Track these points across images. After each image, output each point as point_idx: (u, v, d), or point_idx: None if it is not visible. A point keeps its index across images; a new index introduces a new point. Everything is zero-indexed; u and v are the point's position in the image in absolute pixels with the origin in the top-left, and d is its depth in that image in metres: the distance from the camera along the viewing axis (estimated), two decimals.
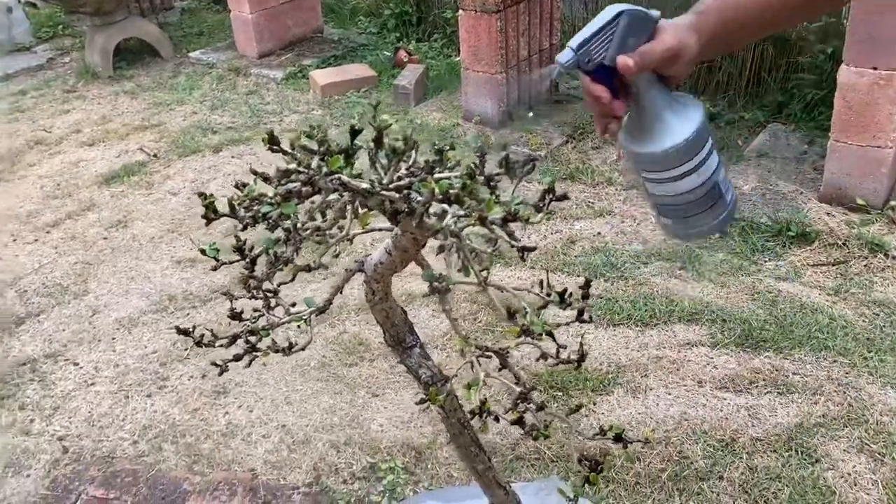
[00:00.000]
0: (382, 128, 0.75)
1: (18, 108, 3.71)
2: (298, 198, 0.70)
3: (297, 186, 0.69)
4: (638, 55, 0.80)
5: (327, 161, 0.70)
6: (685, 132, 0.82)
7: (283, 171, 0.68)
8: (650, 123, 0.83)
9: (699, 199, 0.86)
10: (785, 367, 1.91)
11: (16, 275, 2.46)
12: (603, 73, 0.82)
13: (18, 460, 1.78)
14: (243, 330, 0.94)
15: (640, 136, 0.84)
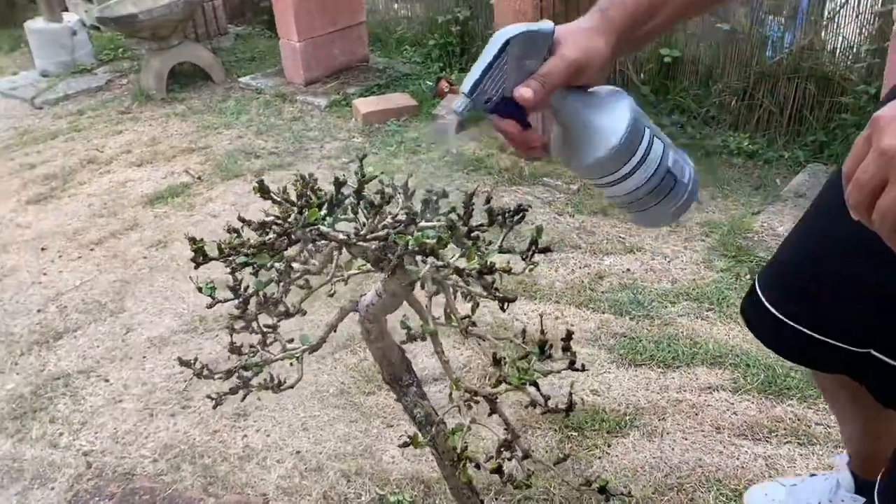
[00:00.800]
0: (363, 180, 0.77)
1: (75, 128, 3.87)
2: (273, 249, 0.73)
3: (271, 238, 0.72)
4: (537, 81, 0.75)
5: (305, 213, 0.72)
6: (617, 133, 0.77)
7: (259, 223, 0.71)
8: (578, 136, 0.79)
9: (654, 190, 0.82)
10: (808, 416, 1.86)
11: (58, 290, 2.56)
12: (510, 105, 0.76)
13: (44, 473, 1.85)
14: (237, 366, 0.97)
15: (572, 150, 0.80)
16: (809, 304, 1.15)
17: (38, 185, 3.30)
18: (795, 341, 1.16)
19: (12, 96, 4.32)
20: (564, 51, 0.76)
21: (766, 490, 1.61)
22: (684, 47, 3.45)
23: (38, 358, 2.25)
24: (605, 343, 2.16)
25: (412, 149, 3.37)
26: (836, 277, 1.10)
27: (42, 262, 2.73)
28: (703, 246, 2.58)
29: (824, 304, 1.12)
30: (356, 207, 0.78)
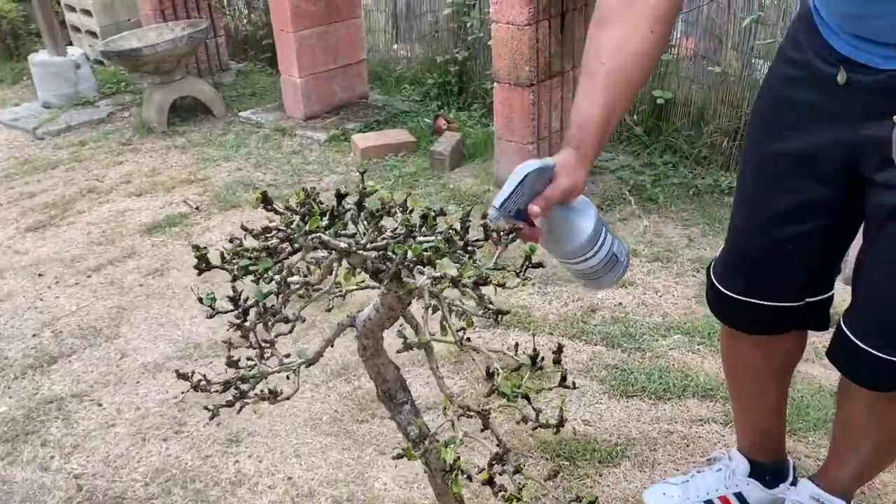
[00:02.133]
0: (365, 193, 0.80)
1: (76, 158, 3.92)
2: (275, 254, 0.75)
3: (275, 243, 0.74)
4: (543, 200, 1.09)
5: (307, 221, 0.75)
6: (585, 231, 1.15)
7: (262, 229, 0.74)
8: (560, 232, 1.17)
9: (604, 266, 1.20)
10: (798, 449, 1.88)
11: (54, 315, 2.57)
12: (522, 214, 1.10)
13: (34, 495, 1.84)
14: (234, 377, 0.99)
15: (557, 241, 1.18)
16: (756, 279, 1.43)
17: (38, 213, 3.33)
18: (751, 314, 1.44)
19: (14, 127, 4.37)
20: (560, 181, 1.11)
21: (664, 490, 1.74)
22: (676, 89, 3.53)
23: (31, 382, 2.25)
24: (597, 374, 2.18)
25: (410, 183, 3.42)
26: (770, 251, 1.38)
27: (38, 287, 2.75)
28: (695, 281, 2.61)
29: (767, 276, 1.41)
30: (357, 218, 0.81)
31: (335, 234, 0.81)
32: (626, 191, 3.22)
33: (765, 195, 1.37)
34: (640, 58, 1.17)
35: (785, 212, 1.34)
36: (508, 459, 0.98)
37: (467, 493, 1.73)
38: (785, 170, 1.32)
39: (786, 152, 1.31)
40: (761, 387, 1.61)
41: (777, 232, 1.36)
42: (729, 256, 1.48)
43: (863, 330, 1.30)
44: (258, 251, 0.76)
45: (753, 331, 1.50)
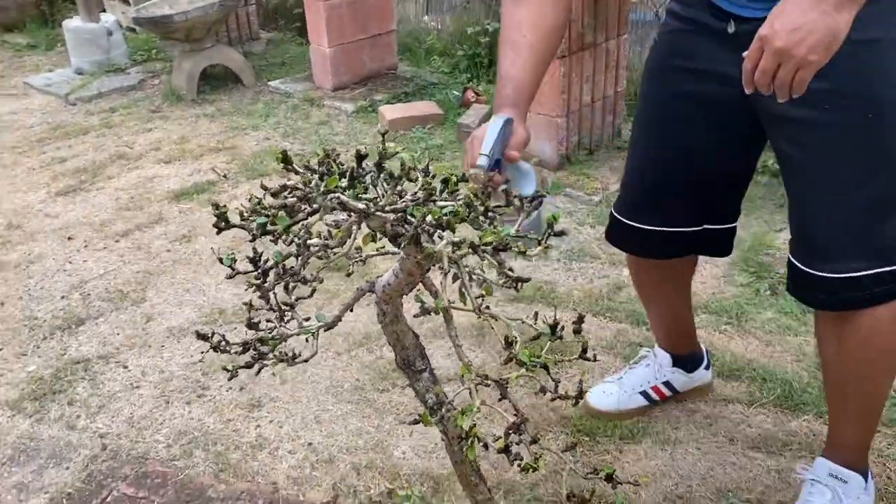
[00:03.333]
0: (385, 155, 0.79)
1: (107, 124, 3.95)
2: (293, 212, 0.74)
3: (293, 202, 0.73)
4: (515, 148, 1.30)
5: (326, 180, 0.74)
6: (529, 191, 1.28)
7: (280, 187, 0.73)
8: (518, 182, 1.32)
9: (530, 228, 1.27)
10: (823, 432, 1.84)
11: (82, 278, 2.60)
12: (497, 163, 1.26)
13: (61, 452, 1.87)
14: (253, 339, 0.99)
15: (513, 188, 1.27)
16: (657, 209, 1.59)
17: (69, 178, 3.36)
18: (651, 240, 1.61)
19: (47, 92, 4.41)
20: (520, 132, 1.32)
21: (603, 389, 1.93)
22: None
23: (59, 342, 2.29)
24: (621, 352, 2.15)
25: (436, 155, 3.40)
26: (670, 182, 1.55)
27: (68, 250, 2.78)
28: (724, 261, 2.57)
29: (667, 204, 1.57)
30: (376, 180, 0.80)
31: (354, 196, 0.80)
32: None
33: (662, 134, 1.54)
34: (555, 31, 1.40)
35: (683, 148, 1.50)
36: (525, 429, 0.97)
37: (485, 466, 1.73)
38: (683, 111, 1.47)
39: (685, 95, 1.45)
40: (666, 299, 1.83)
41: (672, 166, 1.53)
42: (627, 191, 1.65)
43: (804, 256, 1.41)
44: (276, 209, 0.75)
45: (655, 255, 1.68)
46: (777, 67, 1.12)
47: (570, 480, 1.55)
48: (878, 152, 1.30)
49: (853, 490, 1.56)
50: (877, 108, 1.27)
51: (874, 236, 1.34)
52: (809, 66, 1.11)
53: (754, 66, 1.14)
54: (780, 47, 1.10)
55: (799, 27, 1.09)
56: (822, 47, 1.09)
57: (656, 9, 3.59)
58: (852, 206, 1.33)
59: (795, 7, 1.10)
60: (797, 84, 1.13)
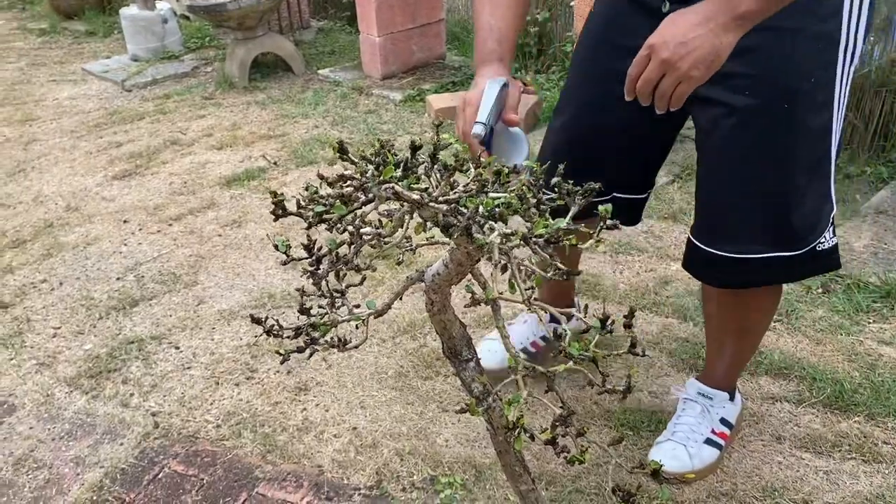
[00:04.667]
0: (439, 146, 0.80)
1: (161, 111, 4.03)
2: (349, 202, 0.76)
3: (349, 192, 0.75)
4: (512, 109, 1.29)
5: (381, 171, 0.75)
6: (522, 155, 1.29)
7: (338, 176, 0.74)
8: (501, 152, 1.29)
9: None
10: (875, 434, 1.81)
11: (137, 261, 2.68)
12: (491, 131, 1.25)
13: (115, 429, 1.94)
14: (305, 324, 1.01)
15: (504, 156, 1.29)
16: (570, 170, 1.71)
17: (124, 163, 3.45)
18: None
19: (104, 78, 4.52)
20: (513, 91, 1.31)
21: (488, 347, 1.98)
22: None
23: (114, 322, 2.36)
24: (667, 347, 2.14)
25: None
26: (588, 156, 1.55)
27: (123, 233, 2.86)
28: None
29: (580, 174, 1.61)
30: (430, 171, 0.81)
31: (408, 186, 0.81)
32: None
33: (591, 107, 1.55)
34: None
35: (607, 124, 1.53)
36: (572, 422, 0.97)
37: (527, 456, 1.74)
38: (610, 89, 1.44)
39: (615, 73, 1.40)
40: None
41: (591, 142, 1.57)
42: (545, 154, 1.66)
43: (704, 235, 1.46)
44: (332, 198, 0.77)
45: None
46: (660, 78, 1.16)
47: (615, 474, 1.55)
48: (791, 141, 1.34)
49: (718, 402, 1.75)
50: (791, 97, 1.30)
51: (782, 223, 1.39)
52: (690, 81, 1.15)
53: (639, 73, 1.18)
54: (666, 58, 1.14)
55: (687, 41, 1.12)
56: (705, 65, 1.13)
57: None
58: (762, 192, 1.37)
59: (686, 21, 1.13)
60: (676, 98, 1.16)
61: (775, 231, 1.40)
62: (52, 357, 2.21)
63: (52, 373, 2.15)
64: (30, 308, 2.44)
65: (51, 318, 2.39)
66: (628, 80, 1.20)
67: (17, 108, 4.16)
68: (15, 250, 2.77)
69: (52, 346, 2.26)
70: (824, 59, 1.30)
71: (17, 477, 1.80)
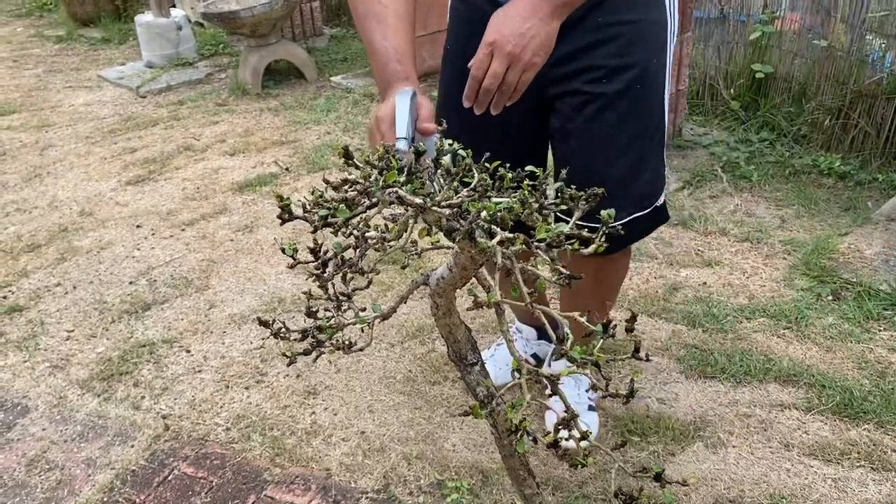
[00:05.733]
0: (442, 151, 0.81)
1: (175, 117, 4.07)
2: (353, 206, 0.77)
3: (353, 196, 0.76)
4: (426, 120, 1.26)
5: (385, 175, 0.77)
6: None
7: (342, 181, 0.75)
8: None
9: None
10: (884, 442, 1.80)
11: (149, 265, 2.70)
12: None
13: (126, 431, 1.96)
14: (312, 327, 1.02)
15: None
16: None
17: (138, 168, 3.49)
18: None
19: (119, 85, 4.57)
20: (424, 102, 1.28)
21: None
22: (777, 63, 3.37)
23: (126, 326, 2.38)
24: (676, 353, 2.13)
25: None
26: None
27: (136, 238, 2.89)
28: (785, 264, 2.52)
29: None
30: (433, 176, 0.82)
31: (412, 191, 0.82)
32: (717, 167, 3.12)
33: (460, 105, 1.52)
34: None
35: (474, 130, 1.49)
36: (575, 425, 0.98)
37: (534, 461, 1.74)
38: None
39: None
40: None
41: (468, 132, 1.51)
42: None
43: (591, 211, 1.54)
44: (337, 202, 0.78)
45: None
46: (505, 72, 1.20)
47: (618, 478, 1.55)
48: (645, 116, 1.47)
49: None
50: (643, 79, 1.44)
51: (636, 186, 1.51)
52: (533, 68, 1.22)
53: (483, 73, 1.21)
54: (510, 51, 1.19)
55: (524, 32, 1.20)
56: (544, 50, 1.21)
57: (721, 6, 3.52)
58: (627, 162, 1.48)
59: (517, 15, 1.21)
60: (521, 85, 1.22)
61: (639, 194, 1.53)
62: (65, 360, 2.24)
63: (64, 375, 2.17)
64: (44, 311, 2.47)
65: (64, 321, 2.42)
66: (471, 83, 1.23)
67: (33, 114, 4.21)
68: (30, 254, 2.81)
69: (66, 348, 2.29)
70: (660, 42, 1.46)
71: (30, 478, 1.82)
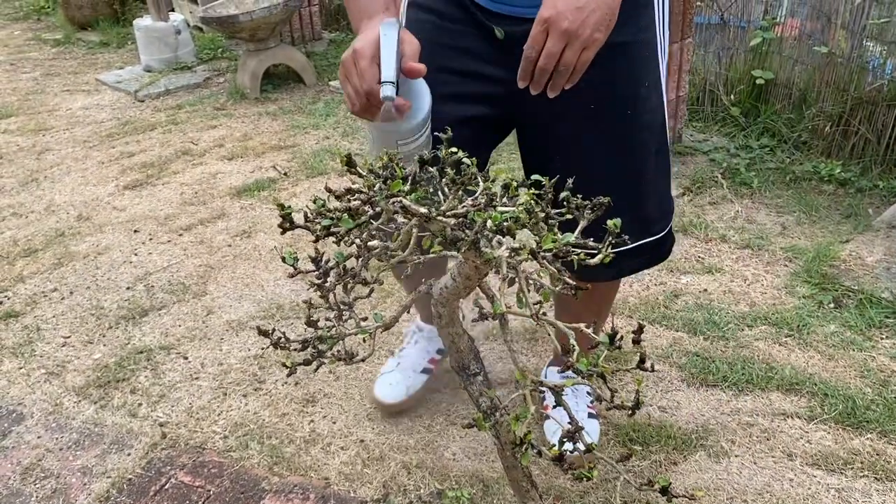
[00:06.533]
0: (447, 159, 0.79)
1: (173, 121, 4.06)
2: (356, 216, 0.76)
3: (357, 205, 0.75)
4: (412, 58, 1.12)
5: (389, 185, 0.75)
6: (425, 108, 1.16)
7: (345, 190, 0.74)
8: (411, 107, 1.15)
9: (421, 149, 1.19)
10: (888, 452, 1.79)
11: (147, 270, 2.69)
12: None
13: (122, 439, 1.94)
14: (312, 337, 1.01)
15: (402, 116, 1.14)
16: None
17: (136, 172, 3.47)
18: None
19: (117, 89, 4.56)
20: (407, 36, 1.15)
21: (387, 381, 1.94)
22: (778, 69, 3.37)
23: (124, 332, 2.36)
24: (677, 361, 2.12)
25: (494, 159, 3.39)
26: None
27: (134, 243, 2.87)
28: (786, 271, 2.51)
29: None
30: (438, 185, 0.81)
31: (416, 200, 0.80)
32: (717, 174, 3.11)
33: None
34: None
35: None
36: (580, 437, 0.96)
37: (536, 470, 1.72)
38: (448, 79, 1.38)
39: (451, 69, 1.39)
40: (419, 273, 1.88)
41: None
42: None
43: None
44: (340, 212, 0.77)
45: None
46: (562, 51, 1.09)
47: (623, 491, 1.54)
48: (638, 139, 1.42)
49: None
50: (632, 102, 1.38)
51: (641, 213, 1.47)
52: (594, 45, 1.10)
53: (538, 51, 1.09)
54: (567, 28, 1.07)
55: (582, 6, 1.07)
56: (605, 25, 1.10)
57: (722, 12, 3.52)
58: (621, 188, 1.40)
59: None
60: (581, 65, 1.11)
61: (640, 221, 1.48)
62: (61, 366, 2.22)
63: (60, 382, 2.15)
64: (40, 317, 2.45)
65: (60, 327, 2.40)
66: (525, 63, 1.11)
67: (30, 118, 4.19)
68: (26, 259, 2.79)
69: (62, 355, 2.27)
70: (651, 64, 1.40)
71: (25, 486, 1.80)
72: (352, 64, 1.10)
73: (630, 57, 1.37)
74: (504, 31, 1.34)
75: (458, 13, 1.38)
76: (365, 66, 1.07)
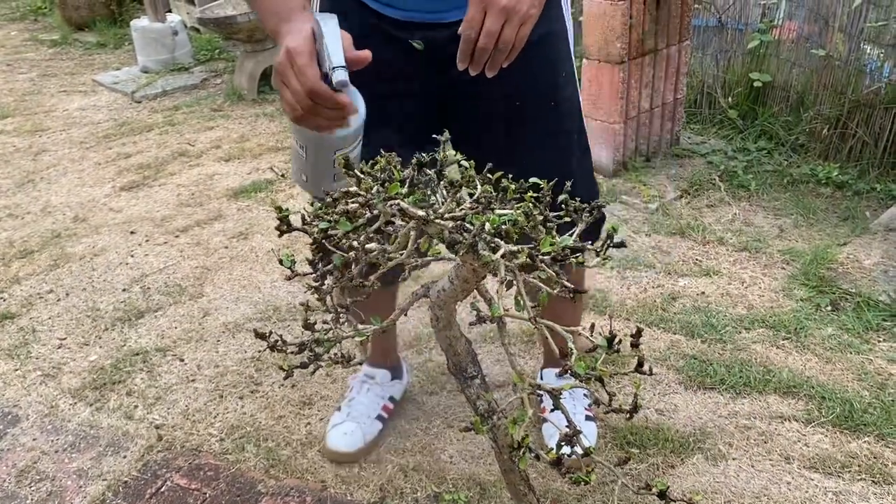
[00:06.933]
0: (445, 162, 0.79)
1: (170, 122, 4.05)
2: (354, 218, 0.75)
3: (354, 208, 0.74)
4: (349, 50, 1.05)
5: (387, 187, 0.75)
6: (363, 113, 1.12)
7: (343, 193, 0.74)
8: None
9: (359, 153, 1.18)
10: (885, 455, 1.78)
11: (143, 272, 2.68)
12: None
13: (118, 441, 1.93)
14: (309, 340, 1.00)
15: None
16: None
17: (132, 174, 3.46)
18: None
19: (114, 90, 4.55)
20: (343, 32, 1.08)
21: (343, 430, 1.84)
22: (776, 72, 3.37)
23: (120, 334, 2.35)
24: (675, 364, 2.12)
25: None
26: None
27: (130, 244, 2.86)
28: (784, 274, 2.51)
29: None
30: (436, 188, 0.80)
31: (414, 203, 0.80)
32: (715, 176, 3.11)
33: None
34: None
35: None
36: (578, 441, 0.96)
37: (533, 473, 1.72)
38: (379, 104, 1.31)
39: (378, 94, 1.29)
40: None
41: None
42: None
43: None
44: (338, 214, 0.76)
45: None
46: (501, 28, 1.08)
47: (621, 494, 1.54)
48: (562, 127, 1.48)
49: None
50: (552, 95, 1.43)
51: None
52: (530, 20, 1.11)
53: (477, 32, 1.08)
54: (506, 5, 1.07)
55: None
56: (539, 0, 1.11)
57: (719, 15, 3.52)
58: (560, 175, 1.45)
59: None
60: (519, 41, 1.11)
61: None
62: (56, 368, 2.21)
63: (56, 384, 2.14)
64: (36, 319, 2.44)
65: (56, 328, 2.39)
66: (464, 45, 1.10)
67: (27, 119, 4.18)
68: (22, 261, 2.78)
69: (58, 357, 2.26)
70: (564, 54, 1.46)
71: (20, 489, 1.79)
72: (288, 65, 1.03)
73: (546, 49, 1.41)
74: (422, 42, 1.34)
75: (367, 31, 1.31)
76: (304, 64, 1.01)
